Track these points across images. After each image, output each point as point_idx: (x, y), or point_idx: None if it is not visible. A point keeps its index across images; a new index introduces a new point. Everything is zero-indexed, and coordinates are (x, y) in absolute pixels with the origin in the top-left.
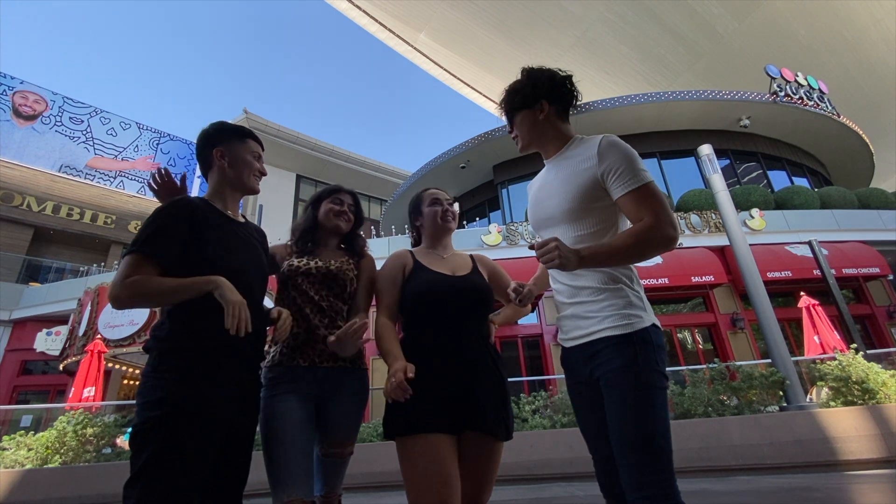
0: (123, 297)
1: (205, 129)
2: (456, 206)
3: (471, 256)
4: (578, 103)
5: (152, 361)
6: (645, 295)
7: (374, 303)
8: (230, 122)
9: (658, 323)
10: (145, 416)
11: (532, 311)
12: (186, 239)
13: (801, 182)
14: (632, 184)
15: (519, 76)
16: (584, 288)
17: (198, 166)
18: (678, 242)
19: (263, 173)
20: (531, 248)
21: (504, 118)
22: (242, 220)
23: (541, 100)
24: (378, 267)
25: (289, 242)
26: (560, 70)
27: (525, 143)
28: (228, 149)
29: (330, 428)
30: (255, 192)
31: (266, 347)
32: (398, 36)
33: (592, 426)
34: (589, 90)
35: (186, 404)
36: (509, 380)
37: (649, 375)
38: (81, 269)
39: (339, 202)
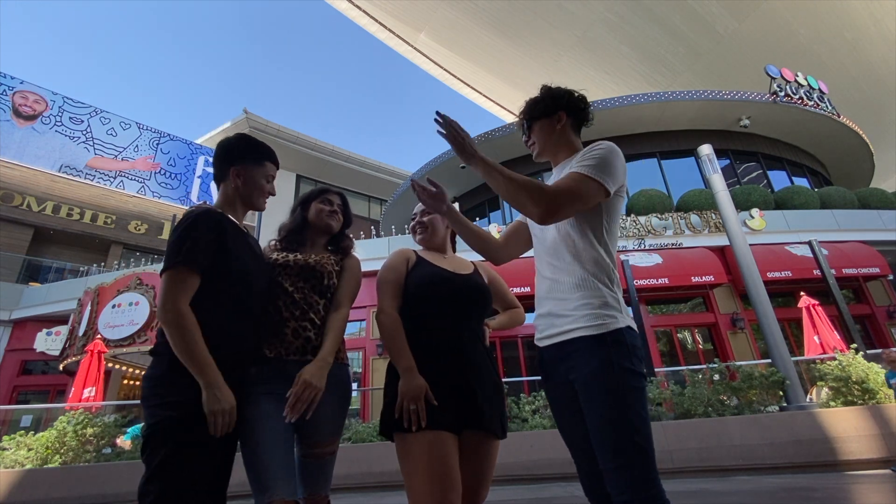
0: (165, 326)
1: (228, 140)
2: (455, 207)
3: (472, 263)
4: (592, 121)
5: (163, 364)
6: (622, 297)
7: (372, 302)
8: (253, 137)
9: (633, 325)
10: (162, 416)
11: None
12: (215, 248)
13: (801, 182)
14: (579, 168)
15: (538, 93)
16: (564, 283)
17: (198, 166)
18: (541, 220)
19: (272, 194)
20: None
21: (521, 127)
22: (245, 230)
23: (559, 111)
24: (371, 267)
25: (272, 242)
26: (576, 91)
27: (540, 150)
28: (245, 169)
29: (307, 428)
30: (260, 210)
31: None
32: (398, 36)
33: (572, 429)
34: (589, 90)
35: (200, 408)
36: (510, 380)
37: (625, 376)
38: (81, 269)
39: (329, 202)
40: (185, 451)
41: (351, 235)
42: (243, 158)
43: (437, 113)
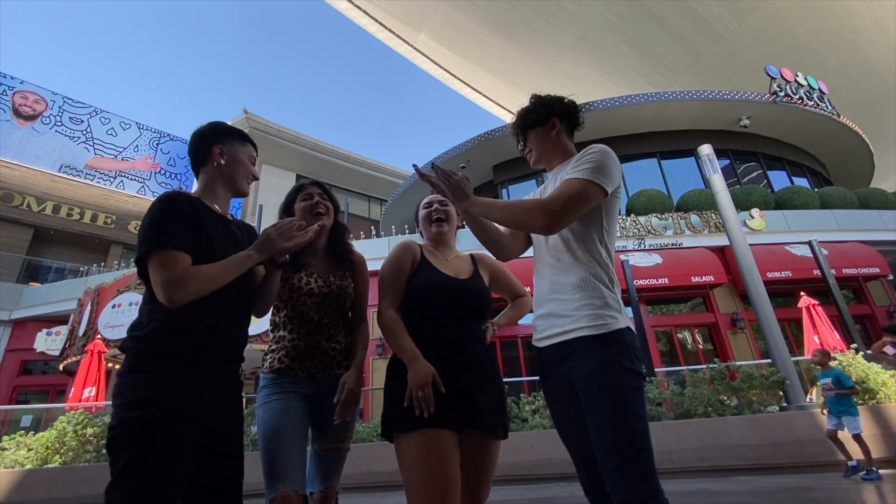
0: (185, 294)
1: (204, 126)
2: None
3: (471, 256)
4: (583, 125)
5: (130, 361)
6: (621, 298)
7: (372, 302)
8: (228, 123)
9: (632, 326)
10: (123, 418)
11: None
12: (195, 233)
13: (801, 182)
14: (576, 173)
15: (528, 102)
16: (565, 283)
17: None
18: (548, 231)
19: (256, 178)
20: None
21: (517, 138)
22: (230, 217)
23: (552, 117)
24: (371, 268)
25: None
26: (565, 97)
27: (538, 157)
28: (228, 148)
29: (327, 424)
30: (245, 195)
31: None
32: (398, 36)
33: (571, 429)
34: (589, 90)
35: (166, 405)
36: (510, 380)
37: (625, 376)
38: (81, 269)
39: (309, 196)
40: (149, 453)
41: (350, 241)
42: (225, 137)
43: (434, 167)
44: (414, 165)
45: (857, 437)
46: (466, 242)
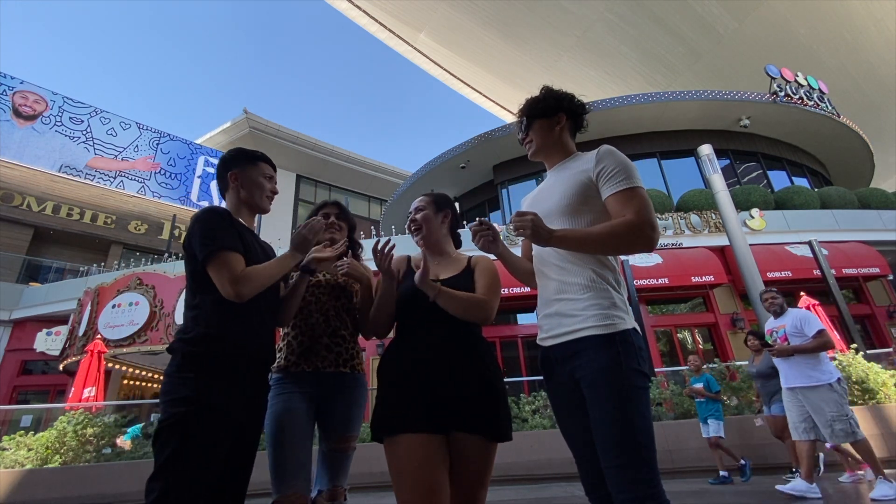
0: (250, 289)
1: (224, 153)
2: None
3: (469, 259)
4: (586, 128)
5: (177, 362)
6: (627, 299)
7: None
8: (246, 148)
9: (637, 328)
10: (170, 413)
11: (525, 313)
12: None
13: (801, 182)
14: (622, 185)
15: (539, 92)
16: (573, 284)
17: (198, 166)
18: (653, 246)
19: (275, 192)
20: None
21: (519, 125)
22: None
23: (560, 112)
24: (371, 267)
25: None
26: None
27: (537, 149)
28: (241, 172)
29: (334, 424)
30: (265, 211)
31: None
32: (398, 36)
33: (574, 428)
34: (589, 90)
35: (208, 403)
36: (510, 380)
37: (631, 375)
38: (81, 269)
39: (326, 216)
40: (191, 448)
41: (359, 246)
42: (239, 163)
43: (482, 222)
44: (479, 219)
45: (717, 441)
46: (463, 243)
